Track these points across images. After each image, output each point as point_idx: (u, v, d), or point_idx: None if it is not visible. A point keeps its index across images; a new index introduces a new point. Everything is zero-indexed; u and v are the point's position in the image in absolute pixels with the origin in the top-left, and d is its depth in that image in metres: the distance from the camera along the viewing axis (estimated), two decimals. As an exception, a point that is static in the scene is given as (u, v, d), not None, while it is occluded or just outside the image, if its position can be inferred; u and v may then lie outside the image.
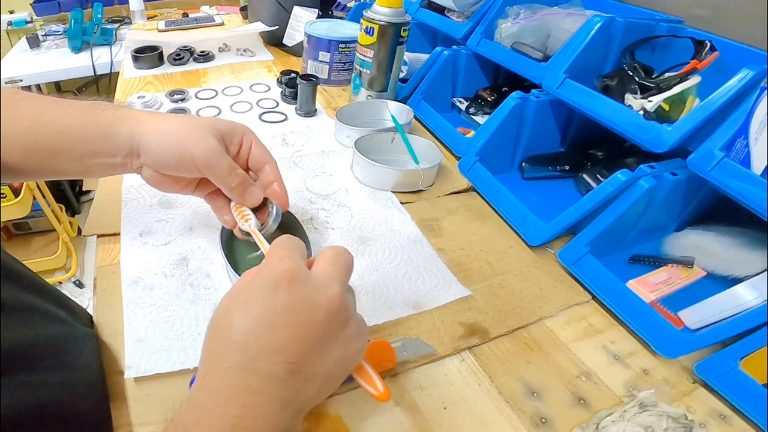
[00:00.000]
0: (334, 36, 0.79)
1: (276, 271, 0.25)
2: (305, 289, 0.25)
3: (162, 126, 0.36)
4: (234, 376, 0.23)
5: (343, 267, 0.28)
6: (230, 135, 0.38)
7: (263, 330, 0.24)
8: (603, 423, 0.35)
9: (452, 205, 0.57)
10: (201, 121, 0.37)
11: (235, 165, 0.37)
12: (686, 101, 0.46)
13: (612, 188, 0.45)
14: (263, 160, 0.40)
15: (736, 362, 0.36)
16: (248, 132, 0.40)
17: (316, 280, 0.26)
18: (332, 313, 0.25)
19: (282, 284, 0.25)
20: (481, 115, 0.74)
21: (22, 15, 1.83)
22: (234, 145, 0.39)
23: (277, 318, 0.24)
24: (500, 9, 0.66)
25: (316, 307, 0.25)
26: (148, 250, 0.45)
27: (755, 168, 0.37)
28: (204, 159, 0.35)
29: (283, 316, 0.24)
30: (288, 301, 0.24)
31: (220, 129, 0.37)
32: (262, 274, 0.25)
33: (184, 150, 0.35)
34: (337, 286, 0.26)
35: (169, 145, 0.35)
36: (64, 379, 0.31)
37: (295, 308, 0.24)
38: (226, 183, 0.37)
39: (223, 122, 0.38)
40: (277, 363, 0.24)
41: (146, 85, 0.83)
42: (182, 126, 0.36)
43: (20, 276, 0.33)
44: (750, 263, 0.44)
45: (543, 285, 0.47)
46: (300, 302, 0.25)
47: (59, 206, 1.59)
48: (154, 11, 1.59)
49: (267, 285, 0.25)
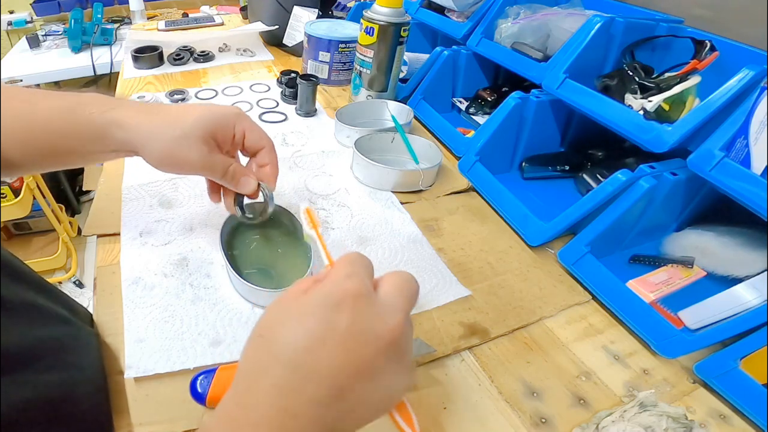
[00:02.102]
0: (334, 36, 0.79)
1: (341, 289, 0.23)
2: (369, 315, 0.23)
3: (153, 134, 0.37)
4: (274, 395, 0.22)
5: (409, 296, 0.26)
6: (222, 130, 0.39)
7: (316, 349, 0.22)
8: (603, 423, 0.35)
9: (452, 205, 0.57)
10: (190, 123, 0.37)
11: (225, 163, 0.39)
12: (686, 101, 0.46)
13: (612, 188, 0.45)
14: (258, 145, 0.41)
15: (736, 362, 0.36)
16: (240, 118, 0.40)
17: (380, 306, 0.24)
18: (391, 345, 0.23)
19: (346, 305, 0.23)
20: (481, 115, 0.74)
21: (22, 15, 1.83)
22: (227, 138, 0.40)
23: (334, 338, 0.22)
24: (500, 9, 0.66)
25: (376, 336, 0.23)
26: (148, 250, 0.45)
27: (755, 168, 0.37)
28: (197, 167, 0.38)
29: (340, 336, 0.22)
30: (349, 324, 0.22)
31: (210, 129, 0.38)
32: (325, 289, 0.24)
33: (178, 159, 0.37)
34: (401, 317, 0.24)
35: (164, 153, 0.37)
36: (65, 379, 0.31)
37: (354, 332, 0.22)
38: (222, 180, 0.40)
39: (215, 114, 0.39)
40: (325, 387, 0.22)
41: (146, 85, 0.83)
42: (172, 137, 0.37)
43: (23, 275, 0.33)
44: (750, 263, 0.44)
45: (543, 285, 0.47)
46: (361, 327, 0.23)
47: (59, 206, 1.59)
48: (154, 11, 1.59)
49: (329, 302, 0.23)
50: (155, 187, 0.54)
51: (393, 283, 0.26)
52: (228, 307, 0.41)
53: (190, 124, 0.37)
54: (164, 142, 0.37)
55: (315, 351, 0.22)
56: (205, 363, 0.36)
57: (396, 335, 0.23)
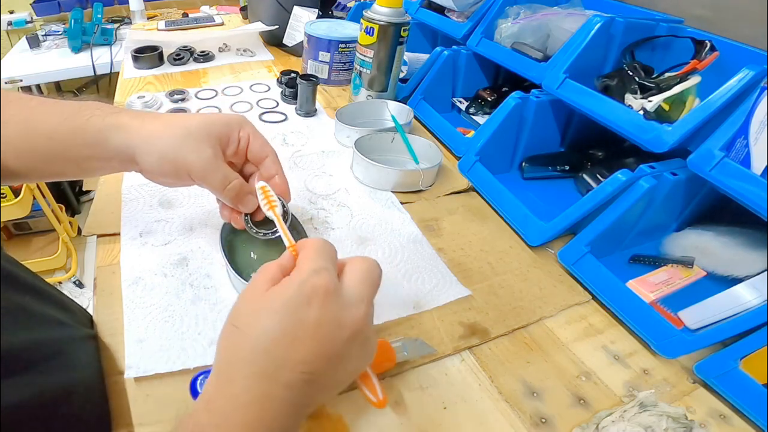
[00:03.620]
0: (334, 36, 0.79)
1: (311, 284, 0.25)
2: (336, 307, 0.25)
3: (155, 135, 0.35)
4: (255, 383, 0.24)
5: (372, 284, 0.28)
6: (226, 136, 0.38)
7: (290, 340, 0.24)
8: (603, 423, 0.35)
9: (452, 205, 0.57)
10: (195, 125, 0.36)
11: (229, 175, 0.37)
12: (686, 101, 0.46)
13: (612, 188, 0.45)
14: (262, 153, 0.40)
15: (736, 362, 0.36)
16: (245, 125, 0.39)
17: (346, 298, 0.26)
18: (356, 333, 0.26)
19: (316, 299, 0.25)
20: (481, 115, 0.74)
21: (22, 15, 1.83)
22: (232, 144, 0.38)
23: (305, 331, 0.24)
24: (500, 9, 0.66)
25: (342, 326, 0.25)
26: (148, 250, 0.45)
27: (755, 168, 0.37)
28: (199, 171, 0.36)
29: (311, 329, 0.25)
30: (318, 317, 0.25)
31: (214, 133, 0.36)
32: (295, 284, 0.25)
33: (178, 162, 0.35)
34: (364, 307, 0.27)
35: (164, 156, 0.35)
36: (63, 381, 0.31)
37: (323, 324, 0.25)
38: (221, 195, 0.38)
39: (218, 121, 0.37)
40: (298, 373, 0.24)
41: (146, 85, 0.83)
42: (176, 134, 0.35)
43: (18, 280, 0.33)
44: (750, 263, 0.44)
45: (543, 285, 0.47)
46: (329, 319, 0.25)
47: (59, 206, 1.59)
48: (154, 11, 1.59)
49: (300, 296, 0.25)
50: (155, 187, 0.53)
51: (358, 271, 0.28)
52: (228, 307, 0.40)
53: (195, 125, 0.36)
54: (165, 140, 0.35)
55: (288, 343, 0.24)
56: (205, 363, 0.36)
57: (361, 324, 0.26)
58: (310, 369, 0.24)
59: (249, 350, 0.24)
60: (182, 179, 0.36)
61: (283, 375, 0.24)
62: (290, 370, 0.24)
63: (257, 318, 0.25)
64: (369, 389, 0.29)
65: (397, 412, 0.35)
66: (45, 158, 0.35)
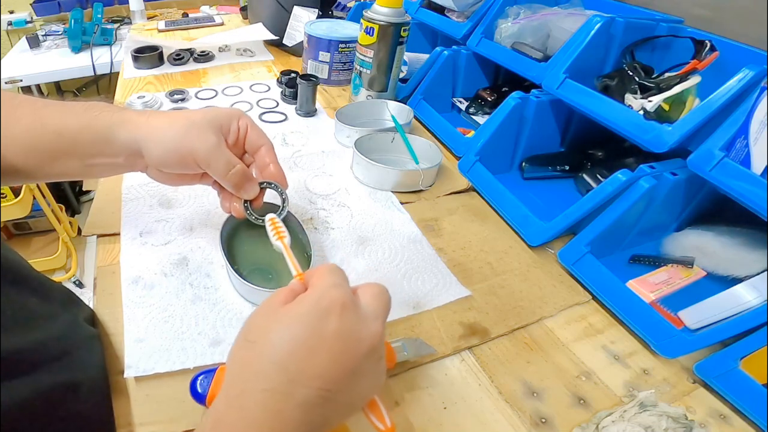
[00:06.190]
0: (334, 36, 0.79)
1: (329, 298, 0.25)
2: (354, 321, 0.25)
3: (161, 127, 0.36)
4: (269, 399, 0.23)
5: (385, 305, 0.28)
6: (227, 126, 0.39)
7: (306, 354, 0.24)
8: (603, 423, 0.35)
9: (452, 205, 0.57)
10: (198, 117, 0.37)
11: (233, 161, 0.38)
12: (686, 101, 0.46)
13: (612, 188, 0.45)
14: (259, 142, 0.41)
15: (736, 362, 0.36)
16: (243, 116, 0.41)
17: (363, 313, 0.26)
18: (372, 348, 0.25)
19: (333, 312, 0.25)
20: (481, 115, 0.74)
21: (22, 15, 1.83)
22: (232, 132, 0.40)
23: (323, 344, 0.24)
24: (500, 9, 0.66)
25: (360, 340, 0.25)
26: (148, 250, 0.45)
27: (755, 168, 0.37)
28: (204, 156, 0.37)
29: (328, 343, 0.24)
30: (336, 330, 0.24)
31: (217, 121, 0.38)
32: (313, 298, 0.25)
33: (184, 150, 0.36)
34: (380, 323, 0.27)
35: (170, 145, 0.36)
36: (68, 380, 0.31)
37: (341, 337, 0.24)
38: (225, 179, 0.38)
39: (219, 112, 0.39)
40: (314, 389, 0.23)
41: (146, 85, 0.83)
42: (181, 125, 0.36)
43: (27, 278, 0.33)
44: (750, 263, 0.44)
45: (543, 285, 0.47)
46: (347, 332, 0.25)
47: (59, 206, 1.59)
48: (154, 11, 1.59)
49: (318, 309, 0.25)
50: (155, 187, 0.54)
51: (371, 293, 0.28)
52: (228, 307, 0.41)
53: (199, 117, 0.37)
54: (171, 133, 0.36)
55: (305, 356, 0.24)
56: (205, 363, 0.36)
57: (377, 340, 0.26)
58: (326, 385, 0.24)
59: (263, 364, 0.24)
60: (188, 167, 0.37)
61: (298, 391, 0.23)
62: (306, 386, 0.23)
63: (273, 331, 0.25)
64: (376, 416, 0.28)
65: (397, 412, 0.35)
66: (52, 155, 0.35)
